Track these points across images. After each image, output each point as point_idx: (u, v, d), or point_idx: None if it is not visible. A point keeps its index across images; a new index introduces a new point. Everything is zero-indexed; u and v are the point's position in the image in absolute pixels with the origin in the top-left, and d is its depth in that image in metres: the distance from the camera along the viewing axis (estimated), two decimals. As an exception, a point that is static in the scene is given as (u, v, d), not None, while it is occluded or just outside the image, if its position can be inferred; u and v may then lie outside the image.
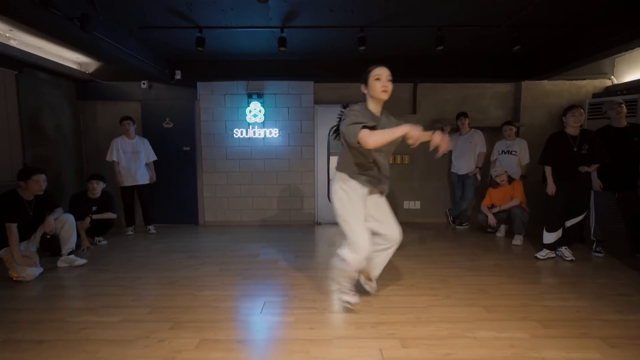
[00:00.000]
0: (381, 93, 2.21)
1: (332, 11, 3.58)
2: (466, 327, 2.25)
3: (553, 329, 2.22)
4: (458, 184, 5.23)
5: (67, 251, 3.51)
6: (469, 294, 2.78)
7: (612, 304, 2.57)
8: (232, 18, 3.78)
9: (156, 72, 4.94)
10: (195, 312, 2.48)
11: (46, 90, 4.79)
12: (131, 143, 4.87)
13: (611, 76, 5.26)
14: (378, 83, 2.21)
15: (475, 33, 4.22)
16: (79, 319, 2.40)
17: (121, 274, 3.31)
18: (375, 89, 2.22)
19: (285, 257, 3.79)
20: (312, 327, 2.27)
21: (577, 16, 3.73)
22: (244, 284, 3.04)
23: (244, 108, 5.41)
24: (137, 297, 2.75)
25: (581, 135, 3.46)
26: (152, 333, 2.18)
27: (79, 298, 2.79)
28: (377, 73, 2.22)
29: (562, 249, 3.68)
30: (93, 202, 4.21)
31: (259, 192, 5.58)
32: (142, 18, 3.77)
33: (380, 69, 2.23)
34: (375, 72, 2.23)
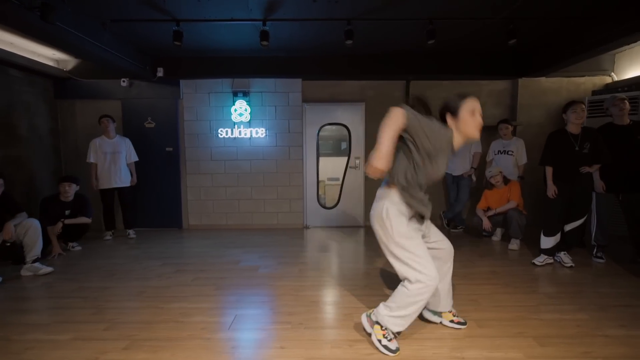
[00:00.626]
0: (476, 131, 1.87)
1: (315, 1, 3.35)
2: (454, 346, 2.02)
3: (551, 347, 1.99)
4: (452, 186, 5.01)
5: (32, 259, 3.28)
6: (460, 306, 2.54)
7: (615, 317, 2.35)
8: (210, 10, 3.56)
9: (136, 69, 4.72)
10: (157, 328, 2.25)
11: (19, 88, 4.56)
12: (111, 143, 4.65)
13: (611, 73, 5.05)
14: (472, 119, 1.85)
15: (468, 26, 4.00)
16: (27, 336, 2.16)
17: (87, 283, 3.08)
18: (469, 125, 1.86)
19: (267, 264, 3.56)
20: (283, 345, 2.04)
21: (575, 8, 3.51)
22: (217, 294, 2.81)
23: (229, 107, 5.18)
24: (97, 311, 2.52)
25: (583, 134, 3.24)
26: (102, 354, 1.95)
27: (34, 312, 2.55)
28: (472, 106, 1.86)
29: (561, 254, 3.46)
30: (65, 206, 3.99)
31: (245, 195, 5.35)
32: (115, 10, 3.54)
33: (476, 101, 1.89)
34: (469, 105, 1.87)
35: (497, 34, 4.00)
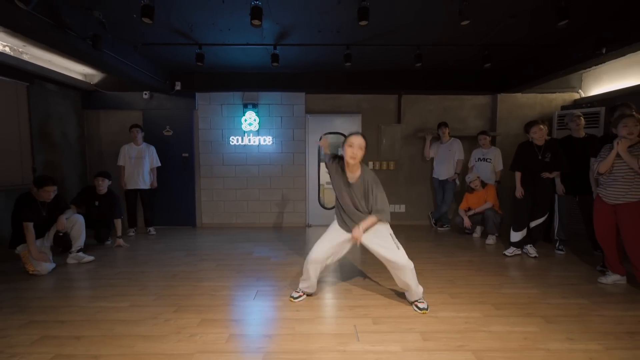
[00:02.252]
0: (349, 159, 2.47)
1: (320, 32, 3.98)
2: (431, 310, 2.61)
3: (504, 309, 2.60)
4: (439, 189, 5.62)
5: (77, 248, 3.83)
6: (438, 284, 3.14)
7: (560, 291, 2.95)
8: (229, 37, 4.16)
9: (157, 84, 5.30)
10: (196, 298, 2.82)
11: (54, 100, 5.13)
12: (137, 149, 5.21)
13: (579, 90, 5.71)
14: (349, 150, 2.47)
15: (451, 51, 4.64)
16: (93, 304, 2.72)
17: (126, 269, 3.64)
18: (345, 154, 2.50)
19: (277, 255, 4.13)
20: (298, 309, 2.62)
21: (540, 38, 4.17)
22: (239, 276, 3.38)
23: (239, 117, 5.77)
24: (142, 288, 3.08)
25: (545, 145, 3.86)
26: (159, 315, 2.52)
27: (91, 288, 3.11)
28: (350, 141, 2.48)
29: (528, 246, 4.07)
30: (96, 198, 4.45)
31: (253, 196, 5.93)
32: (147, 36, 4.14)
33: (354, 137, 2.48)
34: (348, 140, 2.49)
35: (478, 57, 4.64)
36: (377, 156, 5.97)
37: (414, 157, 6.00)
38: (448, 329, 2.31)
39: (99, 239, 4.61)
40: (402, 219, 6.04)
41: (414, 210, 6.06)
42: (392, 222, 2.65)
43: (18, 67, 4.31)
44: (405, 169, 6.02)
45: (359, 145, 2.46)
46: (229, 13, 3.52)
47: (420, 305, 2.61)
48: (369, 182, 2.53)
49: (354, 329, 2.31)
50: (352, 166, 2.53)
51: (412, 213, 6.06)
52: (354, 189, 2.57)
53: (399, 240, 2.63)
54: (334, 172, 2.66)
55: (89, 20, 3.56)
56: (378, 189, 2.53)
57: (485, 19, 3.65)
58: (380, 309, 2.62)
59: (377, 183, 2.56)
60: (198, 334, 2.26)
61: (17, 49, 4.25)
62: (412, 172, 6.03)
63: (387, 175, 5.99)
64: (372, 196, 2.52)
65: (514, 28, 3.88)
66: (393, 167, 5.98)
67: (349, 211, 2.64)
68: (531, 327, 2.34)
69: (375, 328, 2.33)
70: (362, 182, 2.55)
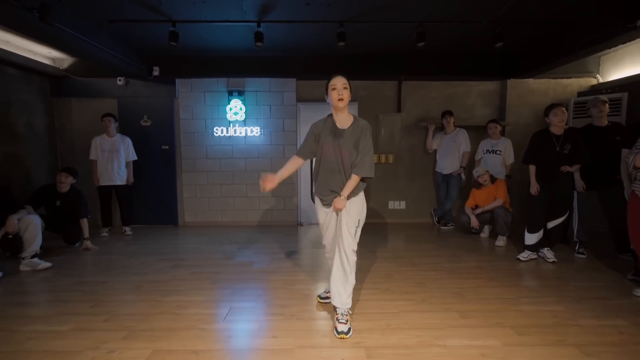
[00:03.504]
0: (337, 102, 2.20)
1: (308, 4, 3.45)
2: (437, 335, 2.14)
3: (527, 335, 2.12)
4: (442, 184, 5.14)
5: (31, 254, 3.36)
6: (444, 298, 2.67)
7: (590, 308, 2.48)
8: (205, 11, 3.64)
9: (132, 68, 4.78)
10: (154, 319, 2.35)
11: (16, 86, 4.62)
12: (110, 141, 4.72)
13: (597, 75, 5.20)
14: (334, 93, 2.20)
15: (457, 29, 4.12)
16: (28, 327, 2.25)
17: (85, 278, 3.16)
18: (331, 99, 2.23)
19: (261, 260, 3.66)
20: (275, 335, 2.15)
21: (560, 13, 3.64)
22: (213, 288, 2.91)
23: (224, 106, 5.27)
24: (96, 304, 2.61)
25: (565, 135, 3.37)
26: (103, 343, 2.05)
27: (34, 305, 2.64)
28: (332, 83, 2.22)
29: (544, 250, 3.59)
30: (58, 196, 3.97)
31: (240, 192, 5.44)
32: (112, 11, 3.61)
33: (336, 79, 2.22)
34: (331, 83, 2.23)
35: (486, 36, 4.13)
36: (375, 148, 5.40)
37: (415, 149, 5.49)
38: (460, 365, 1.85)
39: (68, 240, 4.13)
40: (402, 216, 5.57)
41: (415, 207, 5.58)
42: (391, 220, 2.17)
43: (-33, 48, 3.80)
44: (406, 162, 5.52)
45: (342, 85, 2.20)
46: (199, -20, 3.00)
47: (339, 327, 2.14)
48: (363, 128, 2.25)
49: (341, 366, 1.85)
50: (342, 111, 2.25)
51: (413, 210, 5.58)
52: (344, 137, 2.24)
53: (399, 240, 2.13)
54: (323, 128, 2.31)
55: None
56: (368, 140, 2.24)
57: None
58: (376, 335, 2.15)
59: (370, 132, 2.26)
60: (145, 372, 1.79)
61: (-35, 27, 3.73)
62: (413, 165, 5.53)
63: (386, 169, 5.50)
64: (361, 145, 2.22)
65: (528, 1, 3.36)
66: (392, 160, 5.48)
67: (332, 171, 2.28)
68: (564, 361, 1.87)
69: (368, 364, 1.86)
70: (355, 128, 2.25)
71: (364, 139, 2.22)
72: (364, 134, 2.23)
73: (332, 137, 2.26)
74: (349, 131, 2.24)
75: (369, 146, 2.24)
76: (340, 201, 2.21)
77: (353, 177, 2.22)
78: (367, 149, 2.23)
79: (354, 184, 2.23)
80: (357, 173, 2.21)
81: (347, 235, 2.21)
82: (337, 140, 2.24)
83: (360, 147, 2.22)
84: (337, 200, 2.22)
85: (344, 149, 2.22)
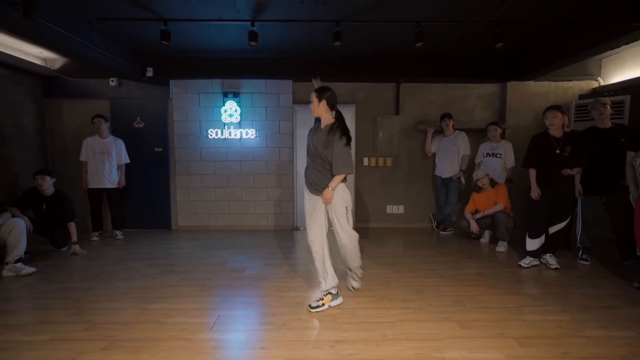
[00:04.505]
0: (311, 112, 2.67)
1: (303, 2, 3.36)
2: (436, 347, 2.02)
3: (531, 347, 2.00)
4: (442, 188, 5.03)
5: (14, 259, 3.23)
6: (443, 307, 2.55)
7: (596, 318, 2.36)
8: (197, 10, 3.55)
9: (125, 69, 4.68)
10: (137, 329, 2.22)
11: (4, 86, 4.51)
12: (102, 143, 4.61)
13: (598, 77, 5.11)
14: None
15: (456, 29, 4.03)
16: (3, 337, 2.13)
17: (70, 284, 3.04)
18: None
19: (253, 265, 3.54)
20: (264, 346, 2.03)
21: (561, 12, 3.56)
22: (202, 295, 2.79)
23: (219, 107, 5.16)
24: (77, 311, 2.48)
25: (564, 137, 3.28)
26: (80, 355, 1.92)
27: (13, 312, 2.51)
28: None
29: (547, 256, 3.48)
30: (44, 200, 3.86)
31: (235, 196, 5.33)
32: (102, 9, 3.52)
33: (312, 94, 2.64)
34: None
35: (486, 37, 4.04)
36: (373, 151, 5.37)
37: (414, 153, 5.39)
38: (460, 380, 1.72)
39: (55, 244, 4.01)
40: (400, 221, 5.45)
41: (413, 212, 5.46)
42: (389, 225, 2.08)
43: (-46, 46, 3.70)
44: (404, 165, 5.42)
45: (311, 99, 2.63)
46: (190, -24, 2.91)
47: (355, 284, 2.81)
48: (334, 129, 2.52)
49: (333, 381, 1.72)
50: (321, 118, 2.64)
51: (412, 215, 5.46)
52: (319, 133, 2.59)
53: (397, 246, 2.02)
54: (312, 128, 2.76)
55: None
56: (339, 141, 2.48)
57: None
58: (370, 346, 2.02)
59: (342, 138, 2.49)
60: (122, 387, 1.67)
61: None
62: (411, 169, 5.42)
63: (384, 172, 5.39)
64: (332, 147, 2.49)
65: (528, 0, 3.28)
66: (390, 163, 5.38)
67: (310, 160, 2.68)
68: (571, 376, 1.75)
69: (362, 378, 1.74)
70: (328, 128, 2.55)
71: (336, 142, 2.47)
72: (336, 136, 2.48)
73: (312, 133, 2.67)
74: (325, 129, 2.57)
75: (340, 146, 2.47)
76: (327, 192, 2.50)
77: (336, 176, 2.52)
78: (338, 149, 2.47)
79: (338, 181, 2.53)
80: (335, 172, 2.51)
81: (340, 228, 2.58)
82: (316, 135, 2.61)
83: (333, 149, 2.48)
84: (326, 191, 2.51)
85: (317, 143, 2.55)
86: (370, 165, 5.36)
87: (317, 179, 2.58)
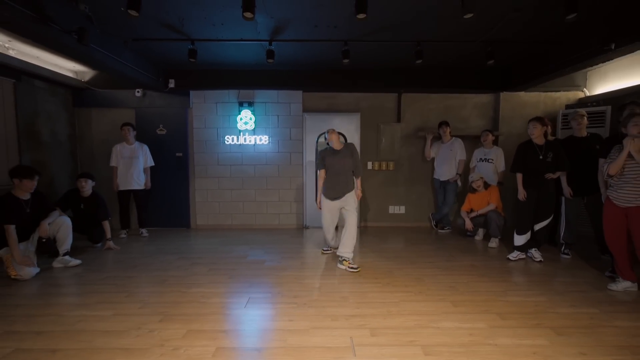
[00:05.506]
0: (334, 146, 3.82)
1: (317, 27, 3.82)
2: (432, 319, 2.46)
3: (510, 320, 2.44)
4: (440, 190, 5.47)
5: (63, 252, 3.68)
6: (440, 291, 2.99)
7: (569, 299, 2.80)
8: (222, 32, 4.01)
9: (150, 81, 5.15)
10: (184, 306, 2.67)
11: (43, 97, 4.97)
12: (129, 148, 5.05)
13: (584, 88, 5.56)
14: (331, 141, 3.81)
15: (452, 48, 4.49)
16: (74, 313, 2.57)
17: (114, 273, 3.48)
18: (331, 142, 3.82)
19: (272, 258, 3.98)
20: (291, 319, 2.47)
21: (544, 33, 4.02)
22: (231, 282, 3.23)
23: (235, 116, 5.62)
24: (128, 294, 2.92)
25: (547, 145, 3.72)
26: (143, 325, 2.36)
27: (74, 295, 2.95)
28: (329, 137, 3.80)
29: (532, 250, 3.92)
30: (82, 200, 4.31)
31: (249, 197, 5.77)
32: (137, 30, 3.98)
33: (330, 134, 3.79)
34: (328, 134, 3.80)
35: (480, 53, 4.50)
36: (376, 156, 5.82)
37: (414, 157, 5.85)
38: (452, 342, 2.16)
39: (93, 239, 4.46)
40: (401, 220, 5.89)
41: (414, 212, 5.91)
42: (391, 224, 2.51)
43: (4, 63, 4.14)
44: (405, 169, 5.87)
45: (337, 138, 3.80)
46: (221, 6, 3.37)
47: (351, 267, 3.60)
48: (353, 148, 3.87)
49: (350, 342, 2.16)
50: (335, 145, 3.80)
51: (412, 214, 5.91)
52: (342, 153, 3.78)
53: (399, 242, 2.46)
54: (326, 154, 3.83)
55: (75, 14, 3.39)
56: (357, 153, 3.88)
57: (488, 13, 3.50)
58: (379, 318, 2.47)
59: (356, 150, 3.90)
60: (183, 347, 2.10)
61: (2, 44, 4.09)
62: (412, 172, 5.87)
63: (386, 175, 5.84)
64: (353, 158, 3.81)
65: (518, 23, 3.73)
66: (392, 167, 5.83)
67: (338, 174, 3.75)
68: (540, 339, 2.18)
69: (373, 341, 2.18)
70: (346, 148, 3.82)
71: (356, 154, 3.83)
72: (355, 151, 3.83)
73: (334, 156, 3.77)
74: (343, 150, 3.78)
75: (359, 156, 3.90)
76: (358, 192, 3.88)
77: (358, 179, 3.86)
78: (358, 158, 3.86)
79: (360, 182, 3.87)
80: (357, 175, 3.85)
81: (354, 216, 3.75)
82: (338, 156, 3.76)
83: (355, 159, 3.80)
84: (358, 192, 3.88)
85: (343, 159, 3.75)
86: (374, 168, 5.80)
87: (345, 186, 3.74)
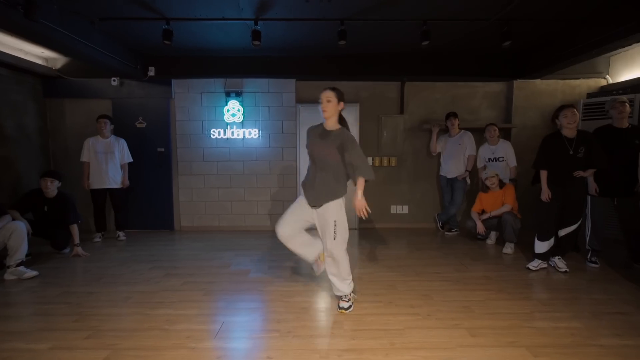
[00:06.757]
0: (323, 115, 2.47)
1: (307, 1, 3.29)
2: (446, 357, 1.97)
3: (544, 357, 1.95)
4: (447, 188, 4.97)
5: (16, 262, 3.20)
6: (452, 313, 2.50)
7: (609, 325, 2.31)
8: (200, 9, 3.49)
9: (127, 69, 4.64)
10: (141, 336, 2.18)
11: (6, 86, 4.47)
12: (104, 143, 4.57)
13: (606, 75, 5.03)
14: (320, 106, 2.48)
15: (463, 27, 3.95)
16: (5, 345, 2.09)
17: (72, 288, 3.00)
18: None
19: (258, 268, 3.50)
20: (269, 355, 1.98)
21: (570, 10, 3.48)
22: (206, 300, 2.75)
23: (221, 107, 5.11)
24: (80, 317, 2.44)
25: (578, 138, 3.19)
26: (82, 365, 1.89)
27: (15, 318, 2.47)
28: (320, 97, 2.48)
29: (555, 259, 3.42)
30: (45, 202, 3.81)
31: (238, 196, 5.28)
32: (104, 8, 3.47)
33: (322, 93, 2.47)
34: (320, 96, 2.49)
35: (493, 35, 3.97)
36: (377, 151, 5.30)
37: (419, 152, 5.33)
38: (472, 393, 1.68)
39: (56, 246, 3.98)
40: (404, 221, 5.40)
41: (418, 212, 5.41)
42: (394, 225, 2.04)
43: (-46, 47, 3.66)
44: (409, 165, 5.35)
45: (326, 98, 2.44)
46: (193, -26, 2.85)
47: (341, 303, 2.55)
48: (350, 137, 2.47)
49: (341, 393, 1.68)
50: (328, 121, 2.50)
51: (416, 215, 5.41)
52: (331, 138, 2.47)
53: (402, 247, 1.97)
54: (313, 133, 2.58)
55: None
56: (354, 145, 2.45)
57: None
58: (379, 355, 1.98)
59: (355, 141, 2.48)
60: (125, 400, 1.63)
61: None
62: (416, 169, 5.36)
63: (388, 172, 5.33)
64: (348, 152, 2.43)
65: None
66: (394, 163, 5.31)
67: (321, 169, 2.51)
68: (587, 389, 1.70)
69: (371, 391, 1.69)
70: (340, 134, 2.47)
71: (351, 147, 2.42)
72: (351, 144, 2.43)
73: (319, 139, 2.51)
74: (334, 134, 2.47)
75: (359, 149, 2.46)
76: (359, 200, 2.44)
77: (360, 179, 2.44)
78: (357, 151, 2.43)
79: (362, 184, 2.45)
80: (363, 175, 2.42)
81: (328, 242, 2.48)
82: (324, 140, 2.48)
83: (351, 154, 2.41)
84: (356, 199, 2.44)
85: (327, 149, 2.45)
86: (374, 165, 5.29)
87: (326, 191, 2.47)
